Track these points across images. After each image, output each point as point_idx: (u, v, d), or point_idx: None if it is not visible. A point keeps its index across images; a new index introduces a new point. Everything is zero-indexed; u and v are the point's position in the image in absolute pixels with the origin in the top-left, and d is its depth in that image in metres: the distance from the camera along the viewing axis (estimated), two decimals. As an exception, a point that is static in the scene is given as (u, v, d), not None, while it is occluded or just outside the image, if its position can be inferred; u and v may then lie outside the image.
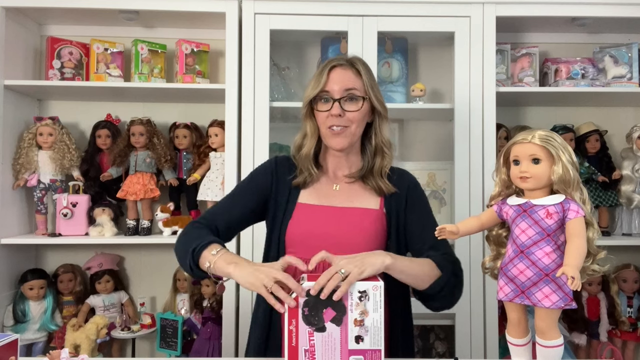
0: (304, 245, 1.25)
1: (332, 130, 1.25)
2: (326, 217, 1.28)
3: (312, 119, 1.30)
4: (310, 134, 1.31)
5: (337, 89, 1.24)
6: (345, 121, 1.25)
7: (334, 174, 1.35)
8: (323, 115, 1.26)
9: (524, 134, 1.08)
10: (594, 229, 1.05)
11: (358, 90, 1.26)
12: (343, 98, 1.24)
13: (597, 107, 2.33)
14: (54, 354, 1.10)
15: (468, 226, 1.16)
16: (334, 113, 1.23)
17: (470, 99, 2.00)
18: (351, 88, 1.25)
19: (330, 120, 1.24)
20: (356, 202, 1.29)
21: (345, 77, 1.25)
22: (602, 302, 2.19)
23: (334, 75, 1.25)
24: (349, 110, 1.24)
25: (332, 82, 1.25)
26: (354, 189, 1.33)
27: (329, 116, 1.24)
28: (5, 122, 2.02)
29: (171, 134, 2.23)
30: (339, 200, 1.31)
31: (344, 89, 1.24)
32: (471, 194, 1.98)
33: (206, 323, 2.07)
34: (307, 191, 1.33)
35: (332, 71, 1.26)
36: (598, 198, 2.17)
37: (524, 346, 1.10)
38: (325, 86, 1.25)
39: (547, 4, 2.01)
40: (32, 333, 2.08)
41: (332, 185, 1.34)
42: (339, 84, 1.25)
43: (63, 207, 2.07)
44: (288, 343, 1.06)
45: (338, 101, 1.24)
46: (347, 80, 1.25)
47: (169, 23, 2.21)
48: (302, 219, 1.29)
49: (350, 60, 1.29)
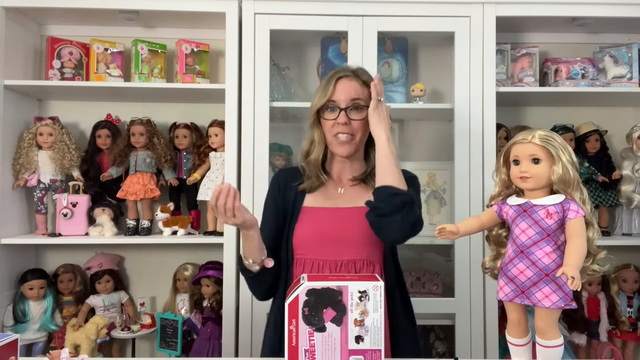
0: (311, 245, 1.31)
1: (338, 138, 1.31)
2: (331, 217, 1.33)
3: (319, 127, 1.36)
4: (317, 141, 1.37)
5: (344, 99, 1.30)
6: (350, 129, 1.31)
7: (339, 178, 1.41)
8: (330, 123, 1.32)
9: (524, 134, 1.08)
10: (594, 229, 1.05)
11: (363, 100, 1.32)
12: (349, 107, 1.30)
13: (597, 107, 2.33)
14: (54, 354, 1.10)
15: (468, 226, 1.16)
16: (340, 121, 1.29)
17: (470, 99, 2.00)
18: (356, 98, 1.31)
19: (337, 128, 1.30)
20: (359, 201, 1.31)
21: (351, 88, 1.31)
22: (602, 302, 2.19)
23: (340, 86, 1.31)
24: (355, 119, 1.30)
25: (339, 92, 1.31)
26: (357, 190, 1.38)
27: (335, 124, 1.30)
28: (5, 122, 2.02)
29: (171, 134, 2.23)
30: (343, 201, 1.36)
31: (350, 98, 1.30)
32: (471, 194, 1.98)
33: (206, 323, 2.07)
34: (312, 195, 1.38)
35: (338, 82, 1.32)
36: (598, 198, 2.17)
37: (524, 346, 1.10)
38: (332, 96, 1.31)
39: (547, 4, 2.01)
40: (32, 333, 2.08)
41: (337, 188, 1.40)
42: (345, 94, 1.30)
43: (63, 207, 2.07)
44: (288, 343, 1.06)
45: (344, 110, 1.30)
46: (353, 91, 1.31)
47: (169, 23, 2.21)
48: (308, 221, 1.34)
49: (355, 72, 1.35)
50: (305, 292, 1.06)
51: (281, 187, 1.41)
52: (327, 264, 1.28)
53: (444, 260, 2.23)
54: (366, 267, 1.30)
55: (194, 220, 2.18)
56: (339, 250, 1.28)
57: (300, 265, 1.31)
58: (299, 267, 1.31)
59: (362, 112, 1.31)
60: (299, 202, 1.36)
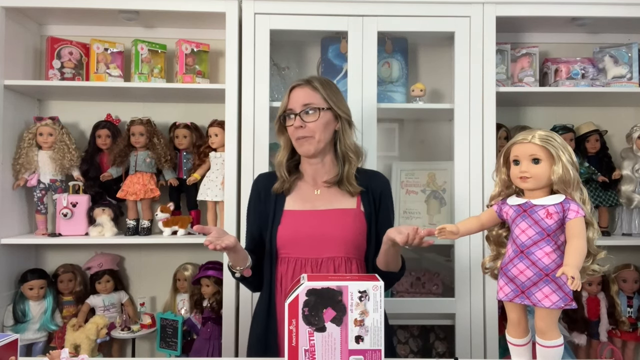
0: (293, 245, 1.43)
1: (298, 140, 1.45)
2: (310, 220, 1.45)
3: (284, 134, 1.50)
4: (283, 146, 1.51)
5: (297, 105, 1.44)
6: (307, 131, 1.43)
7: (314, 180, 1.51)
8: (290, 129, 1.46)
9: (524, 134, 1.08)
10: (594, 229, 1.05)
11: (315, 103, 1.44)
12: (302, 112, 1.43)
13: (597, 107, 2.33)
14: (54, 354, 1.10)
15: (468, 226, 1.16)
16: (295, 125, 1.43)
17: (470, 99, 2.00)
18: (308, 103, 1.44)
19: (296, 132, 1.44)
20: (336, 203, 1.46)
21: (302, 94, 1.45)
22: (602, 302, 2.19)
23: (294, 95, 1.46)
24: (308, 121, 1.43)
25: (292, 101, 1.46)
26: (333, 192, 1.49)
27: (294, 129, 1.44)
28: (5, 122, 2.02)
29: (171, 134, 2.23)
30: (321, 203, 1.48)
31: (302, 104, 1.44)
32: (471, 194, 1.98)
33: (206, 323, 2.07)
34: (291, 198, 1.49)
35: (292, 92, 1.47)
36: (598, 198, 2.17)
37: (524, 346, 1.10)
38: (288, 105, 1.46)
39: (547, 4, 2.01)
40: (32, 333, 2.08)
41: (314, 190, 1.50)
42: (298, 101, 1.44)
43: (63, 207, 2.07)
44: (288, 343, 1.06)
45: (298, 115, 1.43)
46: (304, 97, 1.44)
47: (169, 23, 2.21)
48: (289, 224, 1.46)
49: (307, 80, 1.48)
50: (305, 292, 1.06)
51: (261, 193, 1.52)
52: (309, 261, 1.40)
53: (444, 260, 2.23)
54: (345, 264, 1.41)
55: (194, 220, 2.18)
56: (319, 249, 1.40)
57: (285, 264, 1.43)
58: (283, 265, 1.43)
59: (315, 114, 1.43)
60: (279, 205, 1.47)
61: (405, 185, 2.22)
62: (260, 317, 1.45)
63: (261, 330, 1.44)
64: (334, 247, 1.41)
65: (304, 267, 1.40)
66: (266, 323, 1.43)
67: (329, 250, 1.40)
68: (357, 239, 1.44)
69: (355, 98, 1.98)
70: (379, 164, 2.04)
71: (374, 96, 2.00)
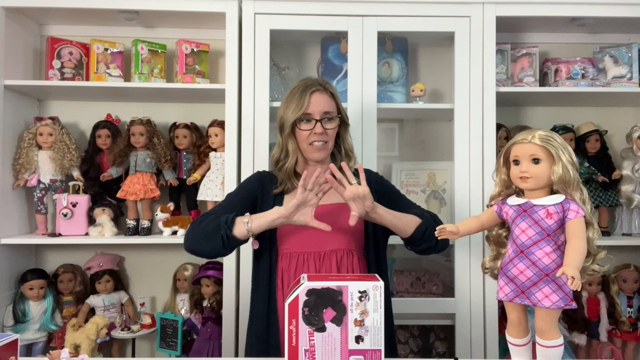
0: (295, 240, 1.44)
1: (314, 145, 1.46)
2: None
3: (293, 138, 1.49)
4: (292, 151, 1.49)
5: (318, 111, 1.45)
6: (325, 137, 1.47)
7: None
8: (305, 133, 1.45)
9: (524, 134, 1.08)
10: (594, 229, 1.05)
11: (333, 111, 1.48)
12: (323, 119, 1.45)
13: (597, 107, 2.33)
14: (54, 354, 1.10)
15: (468, 226, 1.16)
16: (317, 131, 1.44)
17: (470, 99, 2.00)
18: (329, 111, 1.47)
19: (313, 137, 1.45)
20: (333, 198, 1.44)
21: (323, 101, 1.46)
22: (602, 302, 2.19)
23: (314, 99, 1.45)
24: (328, 128, 1.46)
25: (313, 105, 1.45)
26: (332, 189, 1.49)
27: (311, 134, 1.45)
28: (5, 122, 2.02)
29: (171, 134, 2.23)
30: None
31: (323, 111, 1.46)
32: (471, 194, 1.98)
33: (206, 323, 2.07)
34: (290, 196, 1.47)
35: (312, 95, 1.46)
36: (598, 198, 2.17)
37: (524, 346, 1.10)
38: (307, 109, 1.45)
39: (547, 4, 2.01)
40: (32, 333, 2.08)
41: None
42: (318, 107, 1.45)
43: (63, 207, 2.07)
44: (288, 343, 1.06)
45: (320, 122, 1.44)
46: (325, 104, 1.46)
47: (169, 23, 2.21)
48: None
49: (323, 85, 1.50)
50: (305, 292, 1.06)
51: (263, 188, 1.51)
52: (312, 255, 1.41)
53: (444, 260, 2.23)
54: (346, 256, 1.42)
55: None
56: (320, 243, 1.41)
57: (286, 259, 1.43)
58: (285, 260, 1.43)
59: (333, 122, 1.48)
60: (279, 203, 1.45)
61: (405, 185, 2.22)
62: (260, 315, 1.44)
63: (262, 328, 1.43)
64: (336, 239, 1.42)
65: (307, 261, 1.41)
66: (267, 321, 1.42)
67: (331, 243, 1.42)
68: (357, 232, 1.46)
69: (355, 98, 1.99)
70: (379, 164, 2.04)
71: (374, 96, 2.00)
